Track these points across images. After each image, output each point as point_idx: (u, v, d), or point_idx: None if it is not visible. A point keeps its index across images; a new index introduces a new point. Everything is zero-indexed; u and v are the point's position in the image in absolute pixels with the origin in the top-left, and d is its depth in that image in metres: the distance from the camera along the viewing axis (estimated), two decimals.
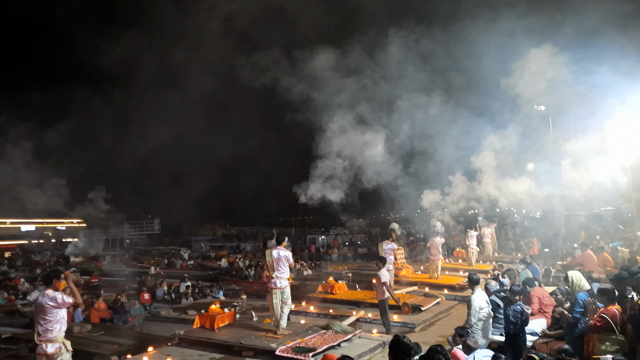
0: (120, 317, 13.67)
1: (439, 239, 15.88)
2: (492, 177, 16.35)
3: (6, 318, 13.34)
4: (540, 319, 8.30)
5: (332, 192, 12.95)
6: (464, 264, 18.51)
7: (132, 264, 27.01)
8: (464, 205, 18.69)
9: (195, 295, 16.24)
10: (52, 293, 6.18)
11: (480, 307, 7.47)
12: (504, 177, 16.17)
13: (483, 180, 16.62)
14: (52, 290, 6.22)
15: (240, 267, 22.64)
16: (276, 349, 7.89)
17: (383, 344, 8.78)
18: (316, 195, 12.83)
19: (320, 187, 12.87)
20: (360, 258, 27.63)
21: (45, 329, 6.10)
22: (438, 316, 11.40)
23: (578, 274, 7.65)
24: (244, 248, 34.94)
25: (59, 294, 6.18)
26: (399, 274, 15.20)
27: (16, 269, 24.22)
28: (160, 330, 11.39)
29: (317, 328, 9.38)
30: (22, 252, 30.52)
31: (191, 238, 41.50)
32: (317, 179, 12.95)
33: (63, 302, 6.13)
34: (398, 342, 4.33)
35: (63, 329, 6.24)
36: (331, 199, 12.97)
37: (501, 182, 16.09)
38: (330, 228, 43.64)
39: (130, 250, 35.37)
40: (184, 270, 23.83)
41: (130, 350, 8.63)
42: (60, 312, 6.21)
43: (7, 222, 36.61)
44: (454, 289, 13.94)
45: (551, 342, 7.21)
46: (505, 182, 15.98)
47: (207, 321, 9.41)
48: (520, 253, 19.91)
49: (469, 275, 8.14)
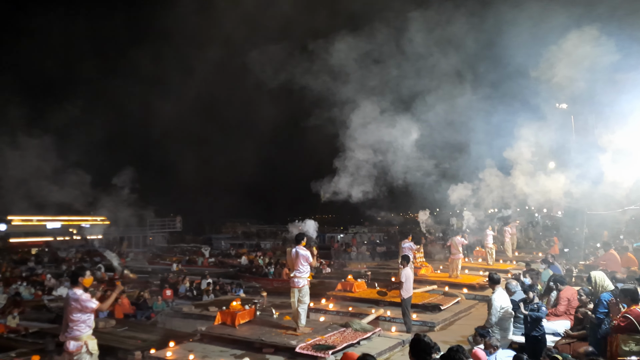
0: (143, 313, 13.91)
1: (459, 238, 15.75)
2: (525, 173, 15.68)
3: (33, 313, 13.71)
4: (564, 320, 8.22)
5: (354, 188, 12.90)
6: (483, 264, 18.36)
7: (154, 261, 27.42)
8: (494, 202, 18.34)
9: (216, 292, 16.42)
10: (77, 294, 6.16)
11: (501, 306, 7.42)
12: (536, 174, 15.43)
13: (515, 176, 15.98)
14: (78, 289, 6.25)
15: (260, 265, 22.79)
16: (296, 346, 7.96)
17: (403, 342, 8.80)
18: (339, 191, 12.80)
19: (344, 183, 12.82)
20: (379, 257, 27.55)
21: (70, 327, 6.10)
22: (458, 315, 11.34)
23: (601, 274, 7.54)
24: (264, 246, 35.15)
25: (84, 295, 6.15)
26: (418, 272, 15.14)
27: (43, 265, 24.77)
28: (182, 326, 11.57)
29: (336, 326, 9.43)
30: (49, 248, 31.16)
31: (212, 236, 41.87)
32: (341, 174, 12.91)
33: (85, 306, 6.08)
34: (419, 341, 4.35)
35: (87, 329, 6.19)
36: (353, 196, 12.91)
37: (534, 179, 15.34)
38: (349, 226, 43.63)
39: (152, 247, 35.90)
40: (205, 267, 24.09)
41: (153, 346, 8.78)
42: (84, 314, 6.15)
43: (34, 219, 37.47)
44: (474, 288, 13.84)
45: (574, 342, 7.13)
46: (539, 179, 15.18)
47: (228, 318, 9.54)
48: (541, 252, 19.67)
49: (490, 274, 8.08)
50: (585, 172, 13.29)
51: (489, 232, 18.37)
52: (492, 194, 17.24)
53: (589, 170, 13.21)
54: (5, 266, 22.26)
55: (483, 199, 17.61)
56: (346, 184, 12.92)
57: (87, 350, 6.14)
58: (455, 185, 17.19)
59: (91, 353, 6.19)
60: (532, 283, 9.36)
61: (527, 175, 15.63)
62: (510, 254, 20.22)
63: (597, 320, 6.57)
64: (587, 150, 13.75)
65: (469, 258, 19.76)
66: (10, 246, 32.52)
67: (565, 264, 14.48)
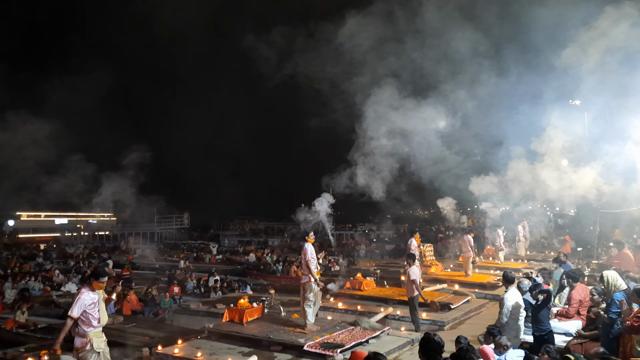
0: (151, 310, 13.92)
1: (468, 237, 15.67)
2: (553, 166, 14.94)
3: (42, 308, 13.75)
4: (576, 320, 8.09)
5: (374, 182, 12.73)
6: (494, 262, 18.21)
7: (162, 258, 27.49)
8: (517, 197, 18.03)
9: (224, 289, 16.39)
10: (77, 294, 6.29)
11: (512, 306, 7.31)
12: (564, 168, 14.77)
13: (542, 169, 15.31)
14: (85, 289, 6.30)
15: (267, 262, 22.76)
16: (304, 344, 7.91)
17: (412, 341, 8.71)
18: (354, 185, 12.62)
19: (361, 176, 12.64)
20: (388, 255, 27.43)
21: (77, 324, 6.21)
22: (468, 314, 11.22)
23: (614, 273, 7.39)
24: (272, 243, 35.15)
25: (77, 299, 6.18)
26: (428, 271, 15.03)
27: (51, 261, 24.93)
28: (189, 323, 11.57)
29: (345, 324, 9.38)
30: (57, 244, 31.38)
31: (219, 233, 41.97)
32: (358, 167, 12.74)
33: (70, 310, 6.17)
34: (428, 340, 4.29)
35: (91, 328, 6.21)
36: (373, 190, 12.72)
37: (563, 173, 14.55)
38: (358, 224, 43.47)
39: (159, 244, 36.05)
40: (213, 264, 24.10)
41: (160, 342, 8.76)
42: (86, 313, 6.20)
43: (42, 215, 37.84)
44: (485, 287, 13.71)
45: (586, 342, 7.02)
46: (567, 175, 14.38)
47: (236, 315, 9.50)
48: (553, 251, 19.47)
49: (504, 273, 7.93)
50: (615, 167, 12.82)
51: (499, 231, 18.28)
52: (519, 187, 16.78)
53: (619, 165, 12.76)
54: (15, 262, 22.43)
55: (508, 192, 17.16)
56: (364, 178, 12.66)
57: (92, 348, 6.18)
58: (478, 177, 16.87)
59: (97, 351, 6.21)
60: (537, 283, 9.20)
61: (555, 170, 14.90)
62: (523, 252, 20.03)
63: (610, 320, 6.47)
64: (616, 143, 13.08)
65: (480, 257, 19.62)
66: (19, 242, 32.80)
67: (577, 263, 14.30)
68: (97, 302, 6.30)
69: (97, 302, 6.31)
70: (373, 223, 41.32)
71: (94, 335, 6.24)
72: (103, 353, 6.33)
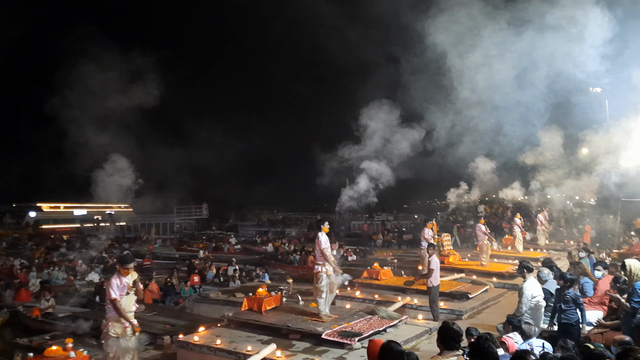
0: (171, 299, 14.15)
1: (481, 225, 15.64)
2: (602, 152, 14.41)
3: (65, 297, 14.08)
4: (596, 310, 8.01)
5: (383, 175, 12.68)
6: (512, 252, 18.06)
7: (181, 248, 27.83)
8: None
9: (243, 278, 16.55)
10: (109, 280, 6.76)
11: (532, 295, 7.26)
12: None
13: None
14: (115, 277, 6.72)
15: (285, 252, 22.89)
16: (322, 333, 7.97)
17: (429, 330, 8.73)
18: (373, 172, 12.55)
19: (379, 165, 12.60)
20: (405, 244, 27.39)
21: (105, 309, 6.74)
22: (486, 304, 11.18)
23: (637, 262, 7.27)
24: (289, 233, 35.28)
25: (109, 284, 6.65)
26: (446, 260, 14.98)
27: (74, 250, 25.37)
28: (209, 311, 11.74)
29: (362, 313, 9.42)
30: (80, 235, 31.93)
31: (238, 223, 42.21)
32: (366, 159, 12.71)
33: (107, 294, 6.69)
34: (447, 329, 4.28)
35: (111, 313, 6.64)
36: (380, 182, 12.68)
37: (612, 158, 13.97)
38: (375, 214, 43.28)
39: (179, 234, 36.43)
40: (231, 254, 24.32)
41: (181, 330, 8.92)
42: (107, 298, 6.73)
43: (61, 206, 38.53)
44: (503, 276, 13.61)
45: (607, 332, 6.95)
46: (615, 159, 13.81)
47: (255, 304, 9.60)
48: (573, 241, 19.22)
49: (522, 262, 7.89)
50: None
51: (516, 219, 18.12)
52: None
53: None
54: (40, 252, 22.93)
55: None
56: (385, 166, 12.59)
57: (108, 332, 6.58)
58: None
59: (111, 336, 6.58)
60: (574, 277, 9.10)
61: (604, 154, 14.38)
62: (543, 242, 19.82)
63: (632, 309, 6.38)
64: None
65: (499, 246, 19.47)
66: (42, 232, 33.46)
67: (598, 252, 14.11)
68: (124, 287, 6.55)
69: (124, 288, 6.56)
70: (390, 213, 41.10)
71: (113, 319, 6.49)
72: (123, 339, 6.55)
